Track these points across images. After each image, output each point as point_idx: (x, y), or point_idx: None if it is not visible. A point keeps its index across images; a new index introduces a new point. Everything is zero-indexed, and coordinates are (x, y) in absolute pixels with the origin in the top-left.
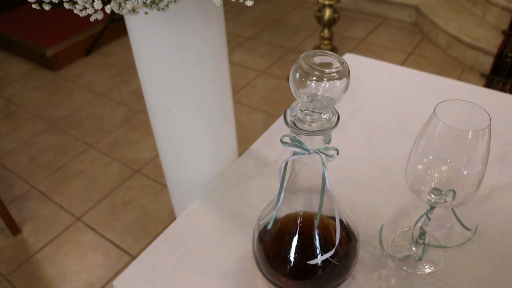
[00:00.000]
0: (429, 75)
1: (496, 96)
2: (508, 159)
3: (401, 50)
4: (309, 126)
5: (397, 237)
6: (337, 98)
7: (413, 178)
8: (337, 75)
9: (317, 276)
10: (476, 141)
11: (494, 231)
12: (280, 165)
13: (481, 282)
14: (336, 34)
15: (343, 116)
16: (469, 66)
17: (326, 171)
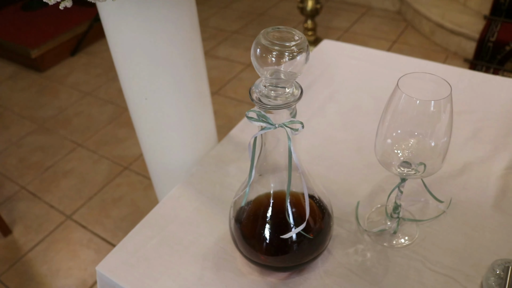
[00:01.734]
0: (405, 57)
1: (471, 75)
2: (481, 134)
3: (385, 39)
4: (274, 101)
5: (373, 213)
6: (298, 72)
7: (382, 153)
8: (297, 48)
9: (293, 251)
10: (439, 111)
11: (467, 203)
12: (249, 141)
13: (455, 251)
14: (321, 25)
15: (320, 100)
16: (453, 52)
17: (291, 145)
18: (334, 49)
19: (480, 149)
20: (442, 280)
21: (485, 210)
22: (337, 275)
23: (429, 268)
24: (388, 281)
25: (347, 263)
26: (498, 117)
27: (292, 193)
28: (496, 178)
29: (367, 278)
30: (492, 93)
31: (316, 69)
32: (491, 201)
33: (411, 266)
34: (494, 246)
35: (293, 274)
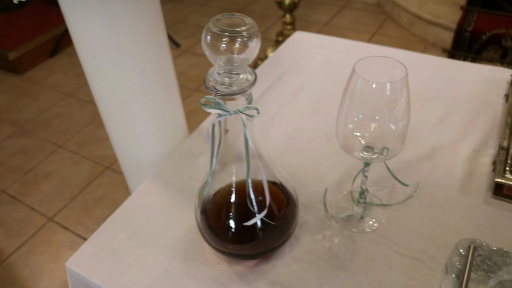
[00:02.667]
0: (376, 46)
1: (440, 62)
2: (448, 119)
3: (365, 31)
4: (228, 88)
5: (341, 199)
6: (251, 57)
7: (343, 138)
8: (247, 33)
9: (258, 239)
10: (395, 94)
11: (434, 187)
12: (208, 129)
13: (421, 234)
14: (300, 19)
15: (291, 91)
16: (431, 42)
17: (247, 131)
18: (306, 40)
19: (448, 133)
20: (408, 262)
21: (452, 193)
22: (305, 261)
23: (395, 251)
24: (355, 266)
25: (315, 249)
26: (466, 102)
27: (255, 181)
28: (463, 161)
29: (334, 264)
30: (460, 78)
31: (287, 60)
32: (457, 184)
33: (378, 250)
34: (459, 227)
35: (261, 262)
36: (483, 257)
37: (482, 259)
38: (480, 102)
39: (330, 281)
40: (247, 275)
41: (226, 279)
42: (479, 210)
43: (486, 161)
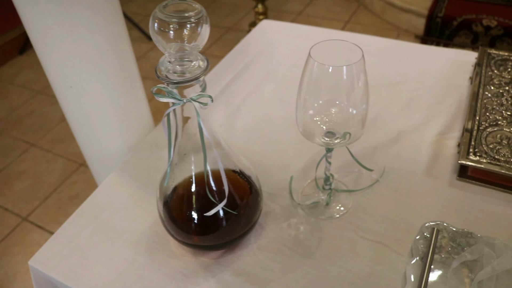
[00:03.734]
0: (344, 33)
1: (406, 46)
2: (415, 104)
3: (338, 20)
4: (181, 76)
5: (307, 186)
6: (201, 44)
7: (303, 124)
8: (195, 18)
9: (221, 228)
10: (352, 77)
11: (400, 170)
12: (163, 119)
13: (387, 218)
14: (273, 9)
15: (257, 79)
16: (404, 29)
17: (200, 120)
18: (273, 29)
19: (414, 117)
20: (374, 247)
21: (417, 176)
22: (270, 250)
23: (361, 236)
24: (321, 252)
25: (280, 237)
26: (432, 86)
27: (217, 170)
28: (428, 145)
29: (300, 251)
30: (427, 63)
31: (254, 49)
32: (423, 167)
33: (344, 236)
34: (425, 210)
35: (226, 252)
36: (447, 239)
37: (446, 241)
38: (446, 85)
39: (295, 269)
40: (212, 266)
41: (191, 270)
42: (445, 193)
43: (451, 143)
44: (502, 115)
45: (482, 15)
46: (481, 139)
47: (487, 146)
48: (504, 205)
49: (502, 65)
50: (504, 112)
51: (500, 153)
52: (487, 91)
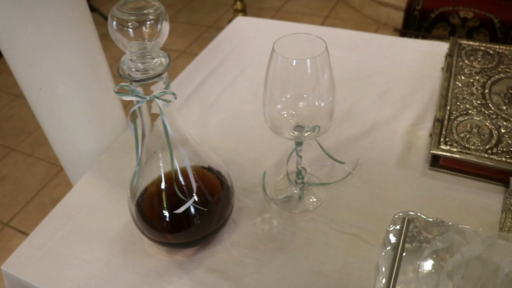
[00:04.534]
0: (318, 27)
1: (380, 39)
2: (387, 96)
3: (317, 15)
4: (144, 73)
5: (280, 181)
6: (161, 40)
7: (271, 119)
8: (153, 15)
9: (193, 225)
10: (317, 70)
11: (373, 162)
12: (128, 118)
13: (360, 210)
14: (253, 6)
15: (231, 76)
16: (383, 23)
17: (164, 117)
18: (247, 25)
19: (387, 109)
20: (347, 239)
21: (390, 168)
22: (244, 245)
23: (334, 229)
24: (294, 246)
25: (254, 232)
26: (405, 77)
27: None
28: (401, 136)
29: (273, 246)
30: (400, 54)
31: (228, 46)
32: (396, 158)
33: (317, 229)
34: (397, 201)
35: (200, 249)
36: (419, 228)
37: (418, 230)
38: (419, 76)
39: (269, 264)
40: (186, 264)
41: (165, 269)
42: (417, 183)
43: (423, 134)
44: (472, 104)
45: (458, 7)
46: (452, 128)
47: (458, 135)
48: (475, 193)
49: (472, 55)
50: (474, 101)
51: (470, 141)
52: (458, 81)
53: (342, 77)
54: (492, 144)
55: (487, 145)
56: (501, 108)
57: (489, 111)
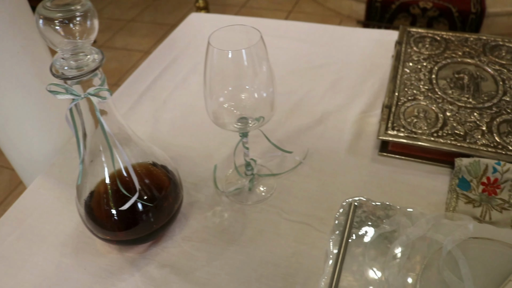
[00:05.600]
0: (271, 21)
1: (332, 29)
2: (339, 85)
3: (281, 10)
4: (77, 71)
5: (231, 174)
6: (92, 36)
7: (213, 113)
8: (80, 12)
9: (141, 222)
10: (253, 60)
11: (324, 151)
12: (66, 115)
13: (311, 198)
14: (216, 3)
15: (184, 72)
16: (346, 15)
17: (99, 113)
18: (201, 21)
19: (338, 98)
20: (298, 228)
21: (341, 155)
22: (195, 239)
23: (285, 218)
24: (245, 238)
25: (205, 226)
26: (356, 66)
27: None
28: (351, 124)
29: (224, 238)
30: (351, 44)
31: (181, 43)
32: (346, 146)
33: (268, 219)
34: (347, 188)
35: (152, 245)
36: (367, 213)
37: (366, 215)
38: (370, 65)
39: (220, 256)
40: (138, 261)
41: (117, 267)
42: (367, 169)
43: (373, 121)
44: (420, 90)
45: None
46: (400, 114)
47: (405, 120)
48: (423, 176)
49: (420, 42)
50: (422, 87)
51: (417, 126)
52: (406, 67)
53: (294, 68)
54: (438, 127)
55: (433, 128)
56: (447, 92)
57: (435, 95)
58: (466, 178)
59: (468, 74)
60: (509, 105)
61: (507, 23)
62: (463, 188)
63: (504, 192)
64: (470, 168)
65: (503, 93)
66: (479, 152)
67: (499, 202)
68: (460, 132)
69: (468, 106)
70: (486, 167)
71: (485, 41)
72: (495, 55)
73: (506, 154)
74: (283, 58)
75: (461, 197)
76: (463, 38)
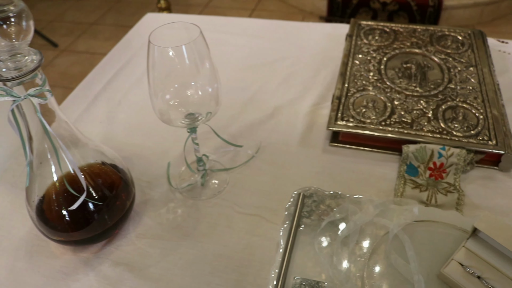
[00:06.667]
0: (226, 18)
1: (286, 25)
2: (292, 79)
3: (244, 8)
4: (17, 72)
5: (184, 171)
6: (28, 37)
7: (160, 111)
8: (13, 13)
9: (93, 221)
10: (194, 56)
11: (276, 144)
12: (8, 117)
13: (263, 191)
14: (179, 4)
15: (138, 73)
16: (309, 12)
17: (40, 114)
18: (157, 21)
19: (290, 92)
20: (250, 220)
21: (292, 148)
22: (149, 236)
23: (238, 211)
24: (198, 232)
25: (159, 223)
26: (309, 60)
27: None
28: (303, 116)
29: (178, 234)
30: (305, 39)
31: (136, 43)
32: (298, 138)
33: (221, 213)
34: (299, 179)
35: (106, 245)
36: (318, 202)
37: (317, 204)
38: (322, 58)
39: (174, 252)
40: (92, 260)
41: (71, 268)
42: (318, 160)
43: (325, 112)
44: (369, 80)
45: None
46: (349, 104)
47: (354, 111)
48: (373, 164)
49: (370, 34)
50: (371, 77)
51: (366, 115)
52: (357, 59)
53: (248, 64)
54: (386, 116)
55: (381, 117)
56: (395, 81)
57: (384, 85)
58: (414, 164)
59: (415, 64)
60: (454, 92)
61: (463, 15)
62: (411, 174)
63: (450, 176)
64: (417, 154)
65: (448, 81)
66: (425, 138)
67: (444, 186)
68: (407, 120)
69: (415, 94)
70: (432, 152)
71: (432, 31)
72: (442, 44)
73: (450, 139)
74: (238, 54)
75: (408, 182)
76: (411, 29)
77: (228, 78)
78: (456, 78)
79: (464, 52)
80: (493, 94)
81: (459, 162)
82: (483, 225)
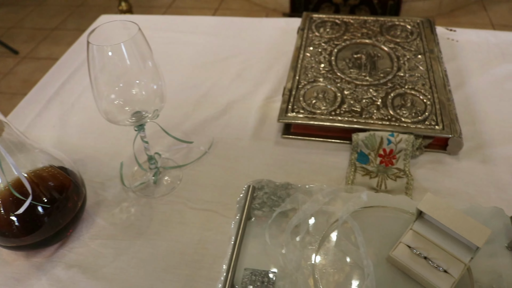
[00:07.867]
0: (181, 17)
1: (239, 21)
2: (244, 74)
3: (208, 8)
4: None
5: (138, 170)
6: None
7: (105, 111)
8: None
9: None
10: (135, 54)
11: (229, 139)
12: None
13: (216, 186)
14: (141, 5)
15: None
16: (272, 9)
17: None
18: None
19: (243, 87)
20: (203, 215)
21: (245, 142)
22: (103, 237)
23: (190, 207)
24: (152, 230)
25: (112, 223)
26: (262, 55)
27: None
28: (256, 110)
29: (131, 233)
30: (258, 34)
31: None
32: (250, 132)
33: (174, 210)
34: (252, 172)
35: (59, 248)
36: (269, 193)
37: (268, 196)
38: (275, 52)
39: (127, 251)
40: (45, 265)
41: (23, 274)
42: (271, 152)
43: (277, 106)
44: (320, 72)
45: None
46: (299, 96)
47: (305, 102)
48: (324, 154)
49: (322, 27)
50: (322, 69)
51: (316, 106)
52: (308, 52)
53: (201, 62)
54: (336, 106)
55: (331, 107)
56: (345, 72)
57: (334, 76)
58: (364, 152)
59: (365, 54)
60: (403, 80)
61: (422, 7)
62: (362, 161)
63: (400, 162)
64: (367, 141)
65: (397, 69)
66: (375, 126)
67: (394, 171)
68: (357, 109)
69: (365, 83)
70: (381, 139)
71: (382, 22)
72: (391, 34)
73: (399, 126)
74: (190, 52)
75: (358, 170)
76: (362, 21)
77: (181, 76)
78: (405, 66)
79: (413, 41)
80: (441, 80)
81: (408, 148)
82: (426, 207)
